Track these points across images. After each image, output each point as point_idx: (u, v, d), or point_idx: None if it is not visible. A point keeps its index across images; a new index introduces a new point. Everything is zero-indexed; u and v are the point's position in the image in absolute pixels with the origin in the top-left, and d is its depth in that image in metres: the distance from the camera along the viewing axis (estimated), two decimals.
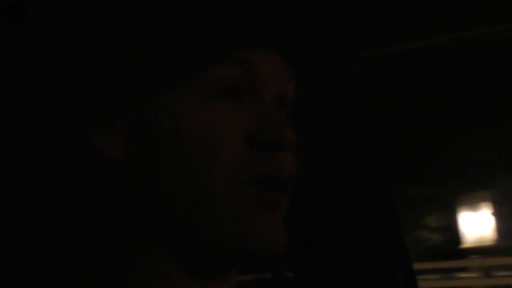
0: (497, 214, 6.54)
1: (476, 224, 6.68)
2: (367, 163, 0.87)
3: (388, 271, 0.82)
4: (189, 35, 0.45)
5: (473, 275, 5.73)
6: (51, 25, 0.52)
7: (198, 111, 0.43)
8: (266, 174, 0.43)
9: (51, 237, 0.59)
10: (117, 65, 0.46)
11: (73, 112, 0.48)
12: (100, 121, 0.46)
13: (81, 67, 0.50)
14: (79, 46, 0.51)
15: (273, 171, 0.43)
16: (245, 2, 0.47)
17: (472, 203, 6.70)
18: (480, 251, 6.39)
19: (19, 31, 0.53)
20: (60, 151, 0.54)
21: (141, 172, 0.45)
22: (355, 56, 0.87)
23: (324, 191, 0.83)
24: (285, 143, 0.43)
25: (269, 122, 0.44)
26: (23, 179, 0.61)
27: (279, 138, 0.43)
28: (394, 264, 0.83)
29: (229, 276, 0.48)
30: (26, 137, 0.60)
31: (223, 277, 0.47)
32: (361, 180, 0.87)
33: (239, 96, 0.44)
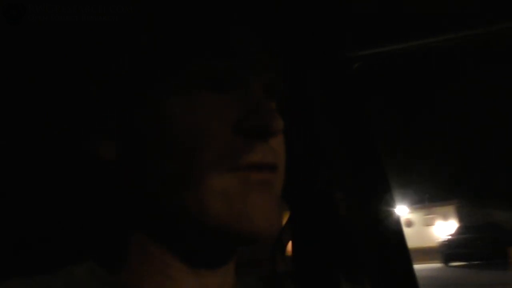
0: None
1: None
2: (367, 162, 0.87)
3: (388, 272, 0.83)
4: (176, 29, 0.45)
5: None
6: (49, 25, 0.52)
7: (186, 104, 0.44)
8: (253, 162, 0.44)
9: (49, 234, 0.59)
10: (109, 64, 0.47)
11: (66, 113, 0.49)
12: (90, 121, 0.47)
13: (75, 68, 0.50)
14: (73, 46, 0.51)
15: (260, 158, 0.44)
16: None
17: None
18: None
19: (19, 31, 0.53)
20: (57, 151, 0.54)
21: (132, 168, 0.45)
22: (354, 56, 0.88)
23: (323, 190, 0.83)
24: (272, 129, 0.44)
25: (255, 110, 0.44)
26: (20, 177, 0.61)
27: (266, 125, 0.44)
28: (393, 265, 0.83)
29: (226, 268, 0.48)
30: (22, 136, 0.60)
31: (221, 270, 0.48)
32: (361, 179, 0.87)
33: (227, 87, 0.45)
